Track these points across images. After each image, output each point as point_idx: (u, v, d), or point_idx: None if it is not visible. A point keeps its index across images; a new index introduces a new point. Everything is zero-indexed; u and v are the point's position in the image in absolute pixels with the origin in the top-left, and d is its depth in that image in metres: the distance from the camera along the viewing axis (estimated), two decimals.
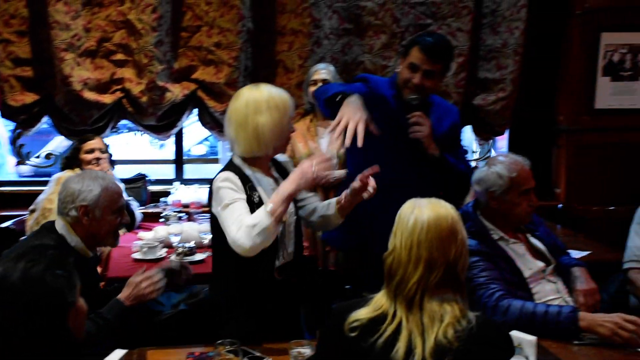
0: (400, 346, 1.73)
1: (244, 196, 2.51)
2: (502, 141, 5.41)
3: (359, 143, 2.62)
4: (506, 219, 2.80)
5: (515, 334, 2.14)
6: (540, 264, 2.79)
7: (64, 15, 4.30)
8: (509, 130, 5.03)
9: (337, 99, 2.75)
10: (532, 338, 2.18)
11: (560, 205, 4.79)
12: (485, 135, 4.98)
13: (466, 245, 1.84)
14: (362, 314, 1.82)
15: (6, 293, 1.66)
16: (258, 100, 2.53)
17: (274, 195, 2.45)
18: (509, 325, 2.37)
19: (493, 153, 5.12)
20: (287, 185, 2.46)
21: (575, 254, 3.40)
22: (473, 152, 5.23)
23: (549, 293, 2.72)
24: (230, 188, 2.50)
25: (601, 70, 4.72)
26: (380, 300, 1.83)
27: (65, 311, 1.70)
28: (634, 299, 3.16)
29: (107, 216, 2.66)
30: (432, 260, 1.78)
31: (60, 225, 2.66)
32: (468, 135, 5.30)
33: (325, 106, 2.92)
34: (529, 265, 2.75)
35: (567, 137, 4.79)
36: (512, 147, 4.99)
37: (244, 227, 2.39)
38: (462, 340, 1.71)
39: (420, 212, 1.83)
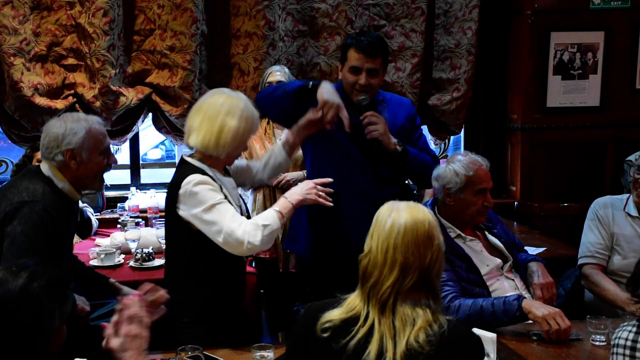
0: (372, 349, 1.73)
1: (223, 196, 2.53)
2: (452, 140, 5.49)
3: (346, 128, 2.81)
4: (461, 217, 2.84)
5: (476, 331, 2.17)
6: (498, 261, 2.84)
7: (11, 20, 4.20)
8: (464, 129, 5.09)
9: (310, 87, 2.82)
10: (491, 335, 2.21)
11: (516, 203, 4.87)
12: (441, 134, 5.03)
13: (442, 251, 1.84)
14: (335, 314, 1.81)
15: (0, 300, 1.61)
16: (234, 105, 2.58)
17: (282, 202, 2.57)
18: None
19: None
20: (296, 196, 2.59)
21: (532, 250, 3.46)
22: None
23: (508, 289, 2.77)
24: (210, 189, 2.51)
25: (552, 69, 4.81)
26: (353, 302, 1.83)
27: (50, 335, 1.66)
28: (589, 294, 3.23)
29: (95, 158, 2.62)
30: (408, 264, 1.78)
31: (45, 169, 2.61)
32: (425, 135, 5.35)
33: (290, 97, 2.90)
34: (486, 262, 2.81)
35: (521, 135, 4.87)
36: (468, 146, 5.06)
37: (254, 225, 2.47)
38: (433, 345, 1.71)
39: (398, 215, 1.82)
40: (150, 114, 4.64)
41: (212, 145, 2.56)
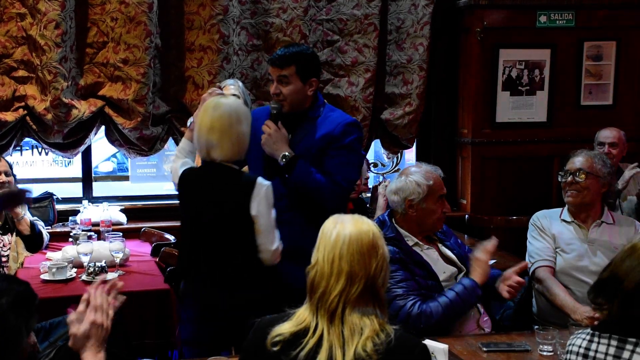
0: (321, 358, 1.76)
1: None
2: (410, 154, 5.58)
3: None
4: (422, 226, 2.93)
5: (428, 342, 2.21)
6: (454, 269, 2.94)
7: None
8: (416, 143, 5.18)
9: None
10: (443, 346, 2.26)
11: (466, 216, 4.96)
12: (393, 148, 5.11)
13: (387, 261, 1.88)
14: (285, 328, 1.83)
15: None
16: (238, 111, 2.82)
17: None
18: (437, 324, 2.68)
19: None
20: None
21: None
22: (382, 165, 5.36)
23: None
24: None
25: (501, 85, 4.94)
26: (302, 315, 1.86)
27: (19, 351, 1.65)
28: (536, 306, 3.33)
29: None
30: (354, 273, 1.82)
31: None
32: (377, 149, 5.43)
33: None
34: (443, 269, 2.90)
35: (471, 150, 4.97)
36: (419, 159, 5.14)
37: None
38: (380, 354, 1.75)
39: (343, 227, 1.87)
40: (103, 127, 4.60)
41: (236, 154, 2.81)
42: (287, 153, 2.98)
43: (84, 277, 3.46)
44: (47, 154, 5.91)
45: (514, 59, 4.94)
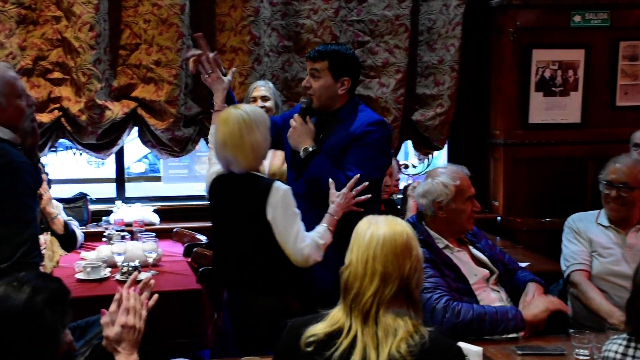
0: (355, 359, 1.76)
1: None
2: (439, 155, 5.54)
3: None
4: (452, 227, 2.91)
5: (462, 345, 2.20)
6: (485, 271, 2.90)
7: None
8: (447, 145, 5.15)
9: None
10: (477, 349, 2.24)
11: (498, 218, 4.92)
12: (424, 150, 5.08)
13: (421, 262, 1.88)
14: (319, 328, 1.84)
15: (5, 315, 1.61)
16: (247, 120, 2.79)
17: (329, 219, 2.86)
18: (461, 326, 2.58)
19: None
20: (340, 211, 2.86)
21: None
22: (413, 166, 5.33)
23: (493, 301, 2.81)
24: (294, 201, 2.79)
25: (534, 86, 4.88)
26: (336, 315, 1.86)
27: (57, 347, 1.67)
28: (571, 309, 3.29)
29: (13, 102, 2.64)
30: (387, 274, 1.82)
31: None
32: (408, 150, 5.41)
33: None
34: (474, 272, 2.87)
35: (503, 151, 4.92)
36: (451, 161, 5.11)
37: (316, 243, 2.77)
38: (414, 355, 1.74)
39: (377, 228, 1.87)
40: (135, 128, 4.64)
41: (253, 162, 2.83)
42: (309, 146, 2.99)
43: (117, 276, 3.50)
44: (81, 154, 6.00)
45: (547, 60, 4.87)
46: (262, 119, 2.85)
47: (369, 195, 2.92)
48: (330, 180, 2.92)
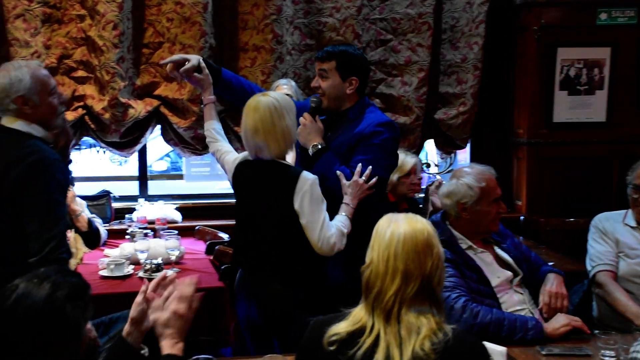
0: (379, 358, 1.76)
1: None
2: (463, 154, 5.51)
3: None
4: (477, 228, 2.87)
5: (485, 344, 2.18)
6: (508, 273, 2.85)
7: (23, 33, 4.25)
8: (470, 144, 5.12)
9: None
10: (501, 349, 2.22)
11: (521, 217, 4.88)
12: (447, 149, 5.05)
13: (442, 260, 1.88)
14: (341, 327, 1.83)
15: (26, 312, 1.62)
16: (278, 106, 2.83)
17: (347, 208, 2.93)
18: (478, 328, 2.53)
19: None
20: (355, 200, 2.93)
21: None
22: (435, 165, 5.31)
23: (516, 303, 2.78)
24: (320, 190, 2.83)
25: (558, 85, 4.83)
26: (358, 314, 1.86)
27: (79, 342, 1.68)
28: (596, 310, 3.25)
29: (46, 99, 2.70)
30: (409, 272, 1.81)
31: (14, 123, 2.67)
32: (430, 148, 5.38)
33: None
34: (497, 274, 2.82)
35: (527, 150, 4.88)
36: (474, 160, 5.08)
37: (340, 232, 2.82)
38: (438, 353, 1.74)
39: (397, 226, 1.86)
40: (158, 126, 4.67)
41: (284, 148, 2.87)
42: (317, 144, 3.04)
43: (140, 273, 3.52)
44: (104, 152, 6.04)
45: (572, 58, 4.82)
46: (291, 105, 2.90)
47: (376, 177, 2.97)
48: (338, 172, 2.97)
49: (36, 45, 4.29)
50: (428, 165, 5.26)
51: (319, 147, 3.05)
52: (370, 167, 2.95)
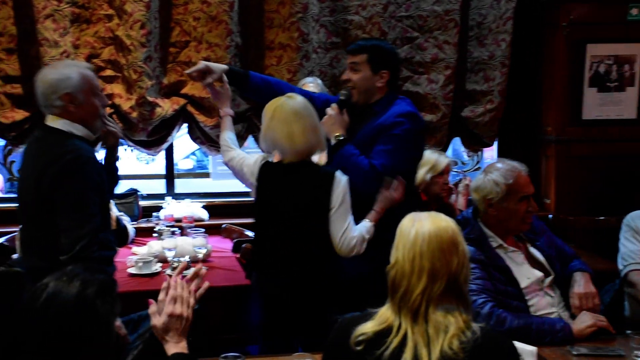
0: (407, 357, 1.75)
1: None
2: (489, 152, 5.46)
3: None
4: (503, 226, 2.80)
5: (516, 344, 2.15)
6: (539, 274, 2.78)
7: (52, 33, 4.29)
8: (497, 142, 5.07)
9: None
10: (532, 348, 2.20)
11: (550, 216, 4.82)
12: (474, 147, 5.02)
13: (467, 257, 1.86)
14: (368, 327, 1.83)
15: (58, 310, 1.64)
16: (306, 108, 2.91)
17: (373, 214, 2.97)
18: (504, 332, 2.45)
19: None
20: (381, 204, 2.98)
21: None
22: (462, 163, 5.27)
23: (545, 306, 2.71)
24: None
25: (588, 81, 4.77)
26: (385, 314, 1.85)
27: (112, 337, 1.69)
28: (629, 309, 3.20)
29: (90, 99, 2.76)
30: (435, 270, 1.80)
31: (55, 122, 2.73)
32: (457, 147, 5.35)
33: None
34: (527, 275, 2.75)
35: (555, 148, 4.83)
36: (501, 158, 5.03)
37: (362, 236, 2.86)
38: (467, 352, 1.73)
39: (421, 224, 1.85)
40: (185, 125, 4.69)
41: (321, 146, 2.95)
42: (340, 135, 3.06)
43: (168, 271, 3.54)
44: (132, 151, 6.08)
45: (602, 54, 4.75)
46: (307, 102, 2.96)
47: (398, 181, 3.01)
48: (386, 180, 2.98)
49: (65, 45, 4.33)
50: (455, 163, 5.22)
51: (339, 138, 3.06)
52: (400, 178, 3.00)
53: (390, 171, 3.04)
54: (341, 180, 2.84)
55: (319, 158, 3.45)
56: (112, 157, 3.11)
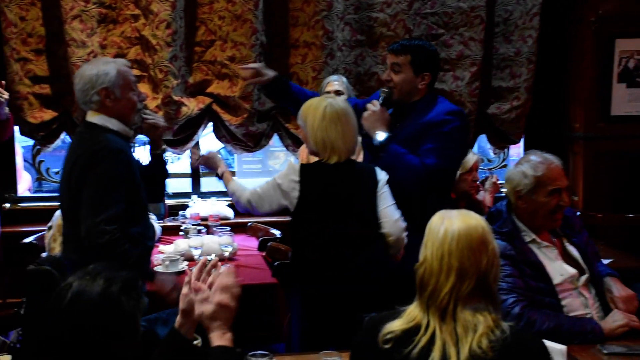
0: (435, 356, 1.74)
1: None
2: (515, 149, 5.42)
3: None
4: (535, 219, 2.70)
5: (545, 342, 2.13)
6: (573, 271, 2.68)
7: (80, 33, 4.33)
8: (524, 138, 5.02)
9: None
10: (562, 347, 2.17)
11: (578, 213, 4.76)
12: (500, 144, 4.98)
13: (497, 256, 1.84)
14: (396, 325, 1.82)
15: (84, 308, 1.65)
16: (346, 108, 2.94)
17: None
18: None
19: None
20: None
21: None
22: (488, 160, 5.23)
23: (578, 307, 2.63)
24: None
25: (616, 77, 4.71)
26: (413, 312, 1.84)
27: (138, 333, 1.70)
28: None
29: (126, 94, 2.84)
30: (464, 269, 1.79)
31: (93, 118, 2.83)
32: (482, 144, 5.31)
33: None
34: (560, 271, 2.66)
35: (583, 144, 4.77)
36: None
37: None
38: (496, 351, 1.71)
39: (450, 222, 1.83)
40: (210, 123, 4.71)
41: (355, 148, 2.97)
42: (382, 133, 3.05)
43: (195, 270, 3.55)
44: None
45: (631, 49, 4.68)
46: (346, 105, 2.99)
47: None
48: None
49: (92, 45, 4.37)
50: (481, 161, 5.19)
51: (385, 137, 3.05)
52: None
53: (441, 170, 3.04)
54: (381, 173, 2.92)
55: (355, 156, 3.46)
56: (156, 148, 3.18)
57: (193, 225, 4.09)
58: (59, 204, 3.09)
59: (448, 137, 3.03)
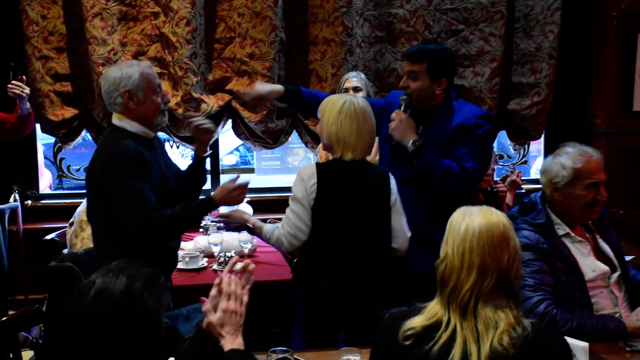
0: (456, 353, 1.73)
1: None
2: (535, 145, 5.38)
3: None
4: (571, 212, 2.65)
5: (567, 340, 2.12)
6: (605, 268, 2.64)
7: (100, 31, 4.36)
8: (545, 134, 4.99)
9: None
10: (584, 344, 2.15)
11: None
12: (520, 140, 4.95)
13: (519, 253, 1.82)
14: (417, 322, 1.81)
15: (107, 305, 1.66)
16: (365, 107, 2.88)
17: None
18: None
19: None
20: None
21: None
22: (508, 156, 5.20)
23: (608, 306, 2.60)
24: None
25: (638, 73, 4.67)
26: (434, 309, 1.83)
27: (161, 331, 1.71)
28: None
29: (150, 97, 2.87)
30: (485, 266, 1.77)
31: (116, 120, 2.88)
32: (502, 140, 5.28)
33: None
34: (593, 267, 2.61)
35: (604, 140, 4.73)
36: (548, 151, 4.94)
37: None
38: (518, 348, 1.70)
39: (472, 219, 1.82)
40: (229, 120, 4.72)
41: (372, 147, 2.96)
42: (415, 140, 3.03)
43: (215, 266, 3.57)
44: (177, 147, 6.14)
45: None
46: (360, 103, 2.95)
47: None
48: None
49: (113, 43, 4.40)
50: (501, 157, 5.16)
51: (418, 143, 3.03)
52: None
53: (479, 172, 3.08)
54: (393, 181, 2.90)
55: (371, 158, 3.45)
56: (203, 152, 3.25)
57: (213, 222, 4.10)
58: (80, 200, 3.14)
59: (482, 140, 3.06)
